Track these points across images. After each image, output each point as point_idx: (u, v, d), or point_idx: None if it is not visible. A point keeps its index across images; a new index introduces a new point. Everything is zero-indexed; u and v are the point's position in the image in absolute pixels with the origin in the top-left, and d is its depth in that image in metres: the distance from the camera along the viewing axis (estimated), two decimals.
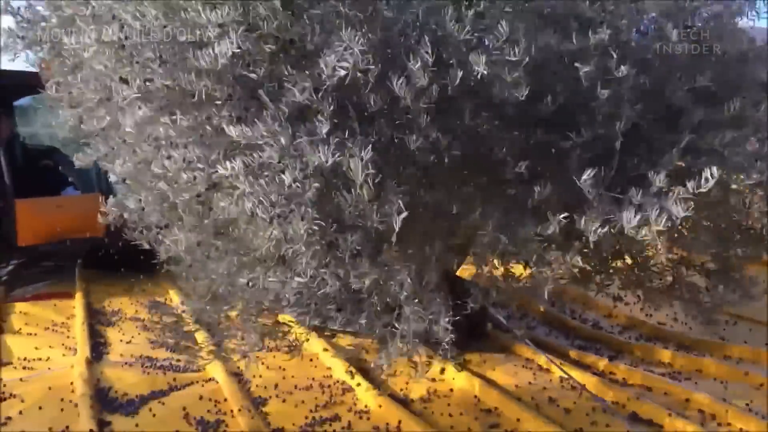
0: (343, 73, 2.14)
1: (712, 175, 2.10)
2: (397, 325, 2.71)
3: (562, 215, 2.36)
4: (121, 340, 4.32)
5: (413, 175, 2.46)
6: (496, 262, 3.04)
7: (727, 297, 3.34)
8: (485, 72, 2.15)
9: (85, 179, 6.16)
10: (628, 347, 4.17)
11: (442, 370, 3.60)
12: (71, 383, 3.49)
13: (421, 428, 2.97)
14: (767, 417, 2.99)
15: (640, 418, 3.07)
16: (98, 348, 4.15)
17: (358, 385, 3.45)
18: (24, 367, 3.84)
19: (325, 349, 3.93)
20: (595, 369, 3.73)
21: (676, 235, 3.01)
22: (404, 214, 2.18)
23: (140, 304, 5.25)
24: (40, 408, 3.25)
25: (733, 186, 2.84)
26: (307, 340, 3.90)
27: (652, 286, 3.45)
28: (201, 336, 4.10)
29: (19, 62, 5.11)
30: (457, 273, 4.07)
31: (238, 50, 2.19)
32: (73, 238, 5.75)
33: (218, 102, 2.36)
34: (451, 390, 3.45)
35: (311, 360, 3.88)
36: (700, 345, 4.09)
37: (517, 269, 3.09)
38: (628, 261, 3.21)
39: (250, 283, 2.95)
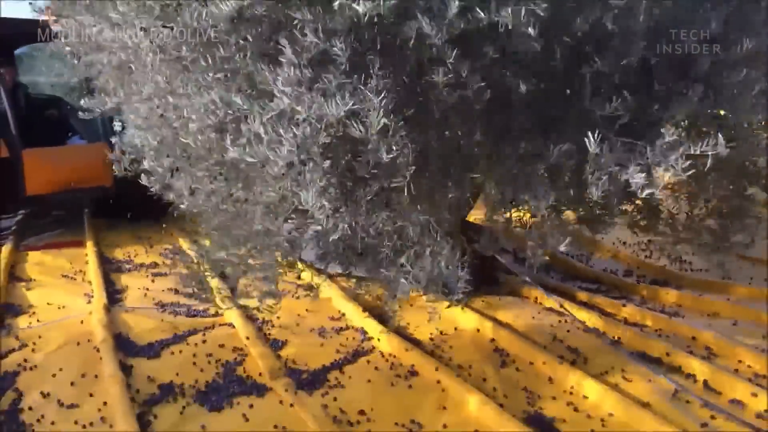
0: (361, 9, 2.13)
1: (720, 140, 2.09)
2: (409, 267, 2.76)
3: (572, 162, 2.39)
4: (135, 287, 4.38)
5: (428, 120, 2.46)
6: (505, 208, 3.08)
7: (735, 239, 3.39)
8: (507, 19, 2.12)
9: (90, 129, 6.14)
10: (635, 289, 4.25)
11: (451, 310, 3.67)
12: (91, 329, 3.56)
13: (433, 366, 3.05)
14: None
15: (648, 356, 3.15)
16: (114, 295, 4.22)
17: (372, 328, 3.52)
18: (43, 314, 3.90)
19: (339, 295, 3.99)
20: (603, 310, 3.81)
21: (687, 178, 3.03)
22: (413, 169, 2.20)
23: (151, 252, 5.32)
24: (62, 353, 3.33)
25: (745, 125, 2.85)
26: (322, 281, 3.98)
27: (659, 230, 3.50)
28: (215, 282, 4.18)
29: (21, 10, 5.07)
30: (467, 219, 4.13)
31: None
32: (80, 188, 5.78)
33: (234, 46, 2.35)
34: (461, 331, 3.52)
35: (326, 305, 3.95)
36: (706, 286, 4.17)
37: (526, 215, 3.13)
38: (638, 203, 3.24)
39: (265, 230, 2.99)
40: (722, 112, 2.47)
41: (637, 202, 3.24)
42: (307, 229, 3.02)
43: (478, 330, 3.50)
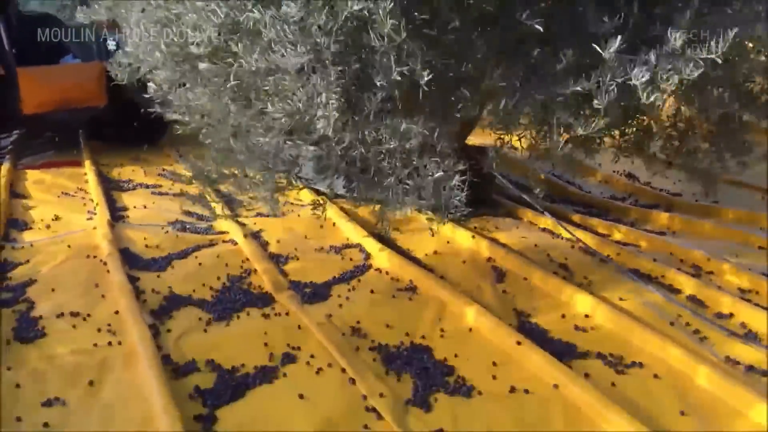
0: None
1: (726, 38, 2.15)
2: (410, 183, 2.83)
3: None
4: (138, 206, 4.44)
5: (435, 31, 2.48)
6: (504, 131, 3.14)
7: (726, 162, 3.48)
8: None
9: (83, 47, 6.06)
10: (627, 212, 4.37)
11: (448, 229, 3.77)
12: (97, 244, 3.65)
13: (432, 281, 3.16)
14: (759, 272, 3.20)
15: (638, 272, 3.27)
16: (117, 212, 4.28)
17: (372, 246, 3.62)
18: (47, 230, 3.97)
19: (338, 215, 4.07)
20: (596, 230, 3.92)
21: (681, 95, 3.08)
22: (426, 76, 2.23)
23: (150, 172, 5.36)
24: (70, 266, 3.42)
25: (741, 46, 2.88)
26: (325, 203, 4.05)
27: (654, 154, 3.58)
28: (215, 201, 4.24)
29: None
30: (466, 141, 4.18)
31: None
32: (75, 107, 5.76)
33: None
34: (458, 250, 3.63)
35: (325, 225, 4.03)
36: (697, 209, 4.28)
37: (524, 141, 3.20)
38: (635, 124, 3.30)
39: (267, 145, 3.03)
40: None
41: (634, 122, 3.30)
42: (308, 145, 3.07)
43: (475, 249, 3.61)
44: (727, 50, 2.20)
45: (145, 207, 4.42)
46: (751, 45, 2.81)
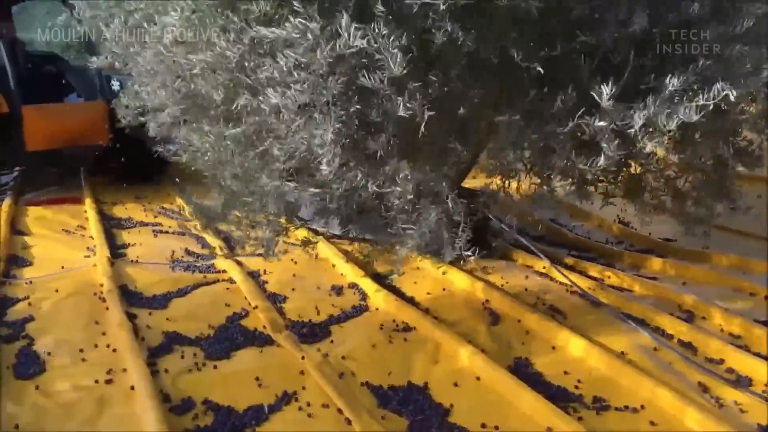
0: None
1: (722, 88, 2.24)
2: (411, 227, 2.89)
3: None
4: (137, 243, 4.49)
5: (432, 78, 2.57)
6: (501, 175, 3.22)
7: (716, 210, 3.56)
8: None
9: (87, 86, 6.18)
10: (620, 256, 4.42)
11: (443, 271, 3.83)
12: (96, 281, 3.69)
13: (428, 323, 3.20)
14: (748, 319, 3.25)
15: (632, 316, 3.31)
16: (116, 249, 4.33)
17: (368, 287, 3.66)
18: (47, 266, 4.01)
19: (335, 254, 4.13)
20: (589, 274, 3.97)
21: (675, 145, 3.18)
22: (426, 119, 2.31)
23: (150, 211, 5.42)
24: (69, 303, 3.45)
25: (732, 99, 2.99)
26: (318, 240, 4.11)
27: (647, 200, 3.66)
28: (214, 240, 4.30)
29: None
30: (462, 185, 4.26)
31: None
32: (77, 145, 5.86)
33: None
34: (454, 292, 3.67)
35: (322, 264, 4.08)
36: (690, 255, 4.34)
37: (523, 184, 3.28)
38: (631, 170, 3.38)
39: (269, 187, 3.10)
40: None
41: (629, 170, 3.39)
42: (309, 187, 3.15)
43: (470, 290, 3.66)
44: (719, 100, 2.30)
45: (144, 245, 4.47)
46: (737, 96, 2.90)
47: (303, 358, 2.88)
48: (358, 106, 2.44)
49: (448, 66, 2.47)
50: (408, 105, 2.33)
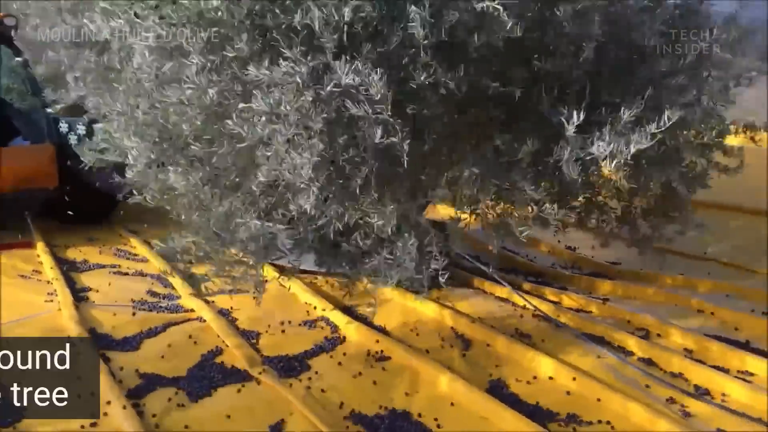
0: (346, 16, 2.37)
1: (669, 117, 2.47)
2: (387, 259, 3.01)
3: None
4: (98, 286, 4.43)
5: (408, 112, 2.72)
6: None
7: (665, 233, 3.81)
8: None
9: (34, 129, 6.08)
10: (573, 279, 4.64)
11: (410, 301, 3.95)
12: (63, 325, 3.64)
13: (403, 350, 3.31)
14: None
15: (593, 336, 3.50)
16: (78, 293, 4.27)
17: (340, 319, 3.74)
18: (9, 312, 3.91)
19: (304, 289, 4.19)
20: (547, 298, 4.16)
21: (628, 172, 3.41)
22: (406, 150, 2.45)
23: (105, 252, 5.35)
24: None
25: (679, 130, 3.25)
26: (287, 279, 4.16)
27: (601, 226, 3.89)
28: (177, 280, 4.31)
29: None
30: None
31: None
32: (25, 189, 5.75)
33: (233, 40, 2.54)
34: (424, 320, 3.79)
35: (291, 299, 4.14)
36: (636, 276, 4.59)
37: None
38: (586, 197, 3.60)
39: (244, 227, 3.17)
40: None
41: (582, 198, 3.60)
42: (284, 224, 3.22)
43: (439, 318, 3.78)
44: (666, 129, 2.52)
45: (104, 287, 4.41)
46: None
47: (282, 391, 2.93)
48: (341, 139, 2.55)
49: (426, 99, 2.62)
50: (389, 136, 2.46)
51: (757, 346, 3.34)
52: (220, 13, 2.56)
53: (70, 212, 6.07)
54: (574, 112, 2.46)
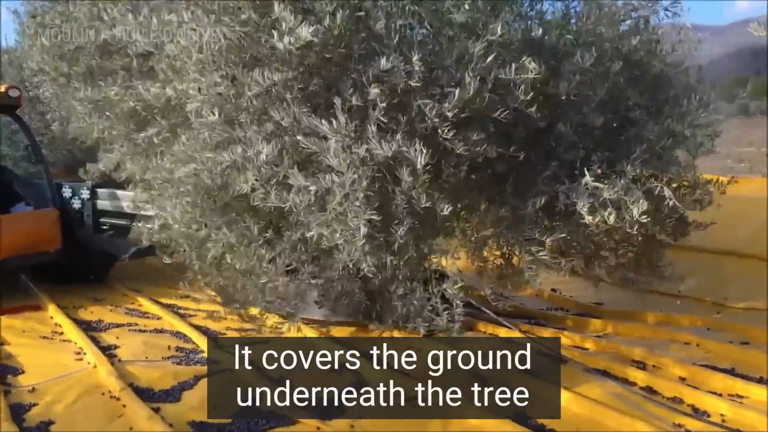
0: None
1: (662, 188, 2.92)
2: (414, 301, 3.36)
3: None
4: (121, 344, 4.62)
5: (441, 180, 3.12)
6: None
7: (647, 277, 4.25)
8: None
9: (38, 195, 6.28)
10: (563, 320, 5.04)
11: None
12: (101, 381, 3.83)
13: (429, 392, 3.61)
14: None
15: (596, 369, 3.88)
16: (105, 351, 4.45)
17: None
18: (43, 372, 4.08)
19: (320, 337, 4.47)
20: (544, 337, 4.53)
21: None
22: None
23: (116, 312, 5.52)
24: (82, 405, 3.59)
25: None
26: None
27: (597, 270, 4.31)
28: (196, 335, 4.55)
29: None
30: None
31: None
32: (30, 253, 5.92)
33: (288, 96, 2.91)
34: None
35: (309, 346, 4.40)
36: (619, 315, 5.01)
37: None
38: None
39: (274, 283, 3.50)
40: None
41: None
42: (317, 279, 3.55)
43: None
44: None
45: (128, 344, 4.61)
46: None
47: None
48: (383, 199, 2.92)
49: (457, 165, 3.02)
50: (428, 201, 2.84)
51: (741, 372, 3.76)
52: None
53: (71, 273, 6.26)
54: (592, 163, 2.88)
